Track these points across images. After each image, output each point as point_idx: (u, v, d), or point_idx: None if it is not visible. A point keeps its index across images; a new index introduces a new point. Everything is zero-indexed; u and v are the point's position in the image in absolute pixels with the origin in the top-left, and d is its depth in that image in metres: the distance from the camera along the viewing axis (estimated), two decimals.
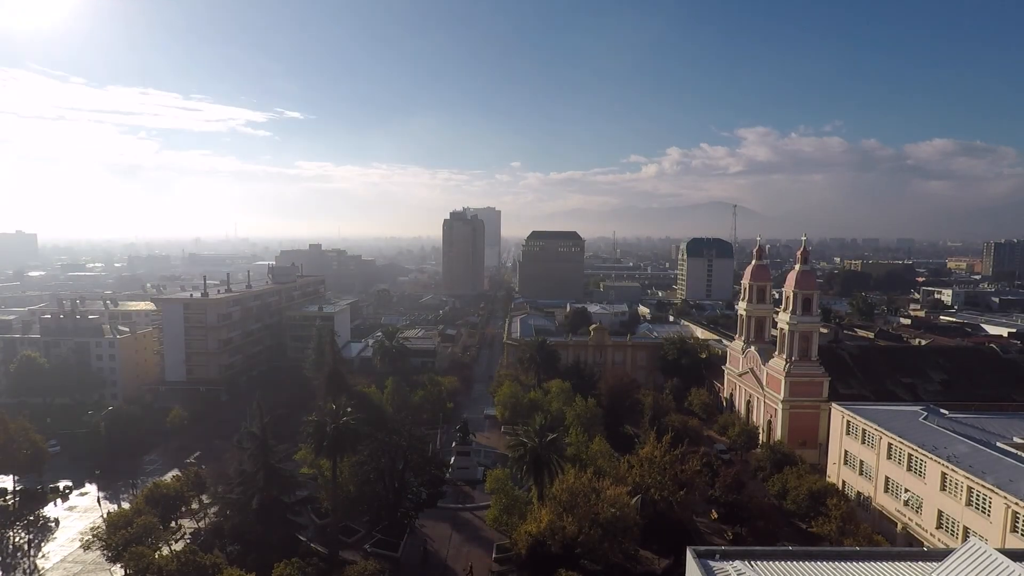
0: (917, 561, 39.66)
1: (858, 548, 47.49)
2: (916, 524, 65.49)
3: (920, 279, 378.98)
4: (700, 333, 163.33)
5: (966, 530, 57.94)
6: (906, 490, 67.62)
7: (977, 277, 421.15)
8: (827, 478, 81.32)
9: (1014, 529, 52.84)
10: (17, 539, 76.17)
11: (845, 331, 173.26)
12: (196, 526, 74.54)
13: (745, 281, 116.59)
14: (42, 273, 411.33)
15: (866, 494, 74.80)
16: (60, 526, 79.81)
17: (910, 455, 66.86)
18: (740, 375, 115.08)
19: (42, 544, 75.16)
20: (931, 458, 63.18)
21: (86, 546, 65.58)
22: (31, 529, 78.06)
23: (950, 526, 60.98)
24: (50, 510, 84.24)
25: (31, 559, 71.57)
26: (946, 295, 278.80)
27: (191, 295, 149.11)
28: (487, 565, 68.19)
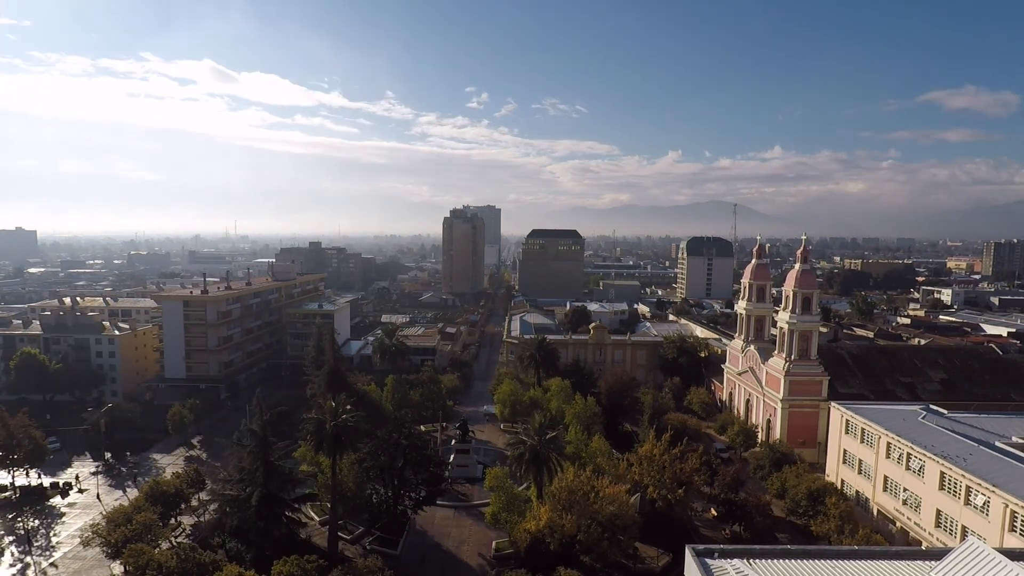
0: (915, 560, 39.73)
1: (856, 547, 47.59)
2: (915, 523, 65.54)
3: (920, 279, 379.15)
4: (700, 332, 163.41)
5: (964, 529, 58.00)
6: (905, 489, 67.67)
7: (977, 277, 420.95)
8: (826, 477, 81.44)
9: (1012, 528, 52.89)
10: (17, 535, 76.24)
11: (845, 330, 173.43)
12: (196, 521, 74.71)
13: (745, 280, 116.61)
14: (42, 270, 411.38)
15: (865, 493, 74.87)
16: (60, 522, 79.89)
17: (909, 454, 66.90)
18: (739, 374, 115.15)
19: (42, 540, 75.21)
20: (930, 457, 63.22)
21: (85, 543, 65.69)
22: (31, 524, 78.19)
23: (948, 525, 61.04)
24: (49, 507, 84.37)
25: (31, 555, 71.62)
26: (946, 295, 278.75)
27: (191, 292, 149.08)
28: (486, 563, 68.32)
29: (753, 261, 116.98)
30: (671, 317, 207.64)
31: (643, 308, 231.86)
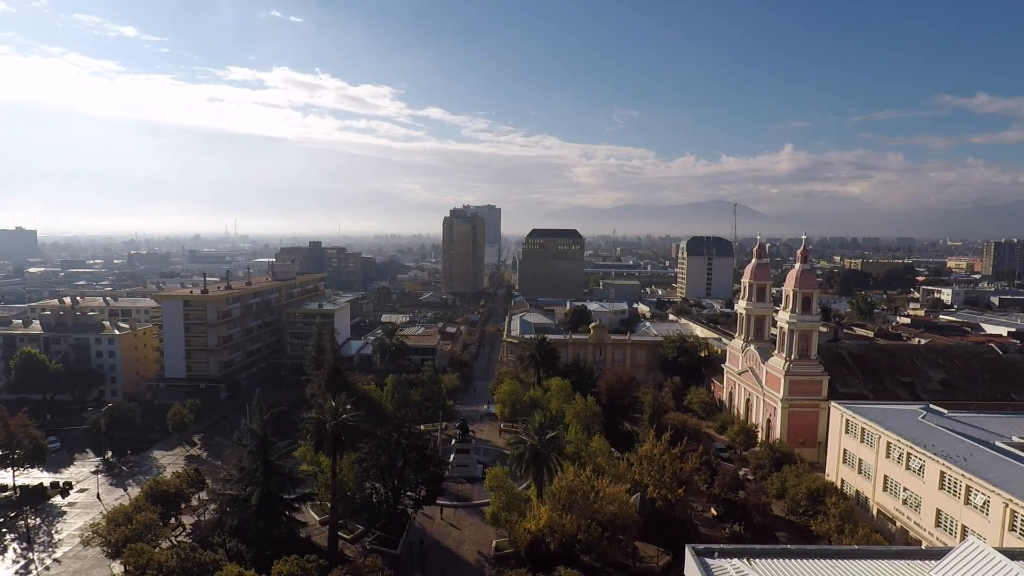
0: (915, 560, 39.74)
1: (856, 547, 47.62)
2: (915, 523, 65.57)
3: (920, 278, 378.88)
4: (700, 331, 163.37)
5: (964, 529, 58.04)
6: (905, 489, 67.69)
7: (977, 276, 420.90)
8: (826, 477, 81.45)
9: (1012, 528, 52.91)
10: (17, 535, 76.27)
11: (845, 330, 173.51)
12: (196, 520, 74.75)
13: (745, 280, 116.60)
14: (42, 269, 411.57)
15: (865, 493, 74.90)
16: (60, 522, 79.91)
17: (909, 454, 66.93)
18: (740, 374, 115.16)
19: (42, 540, 75.24)
20: (930, 457, 63.25)
21: (86, 542, 65.63)
22: (32, 523, 78.19)
23: (948, 525, 61.06)
24: (50, 506, 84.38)
25: (31, 555, 71.65)
26: (946, 294, 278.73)
27: (191, 292, 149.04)
28: (486, 562, 68.33)
29: (753, 261, 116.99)
30: (671, 317, 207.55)
31: (643, 308, 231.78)
